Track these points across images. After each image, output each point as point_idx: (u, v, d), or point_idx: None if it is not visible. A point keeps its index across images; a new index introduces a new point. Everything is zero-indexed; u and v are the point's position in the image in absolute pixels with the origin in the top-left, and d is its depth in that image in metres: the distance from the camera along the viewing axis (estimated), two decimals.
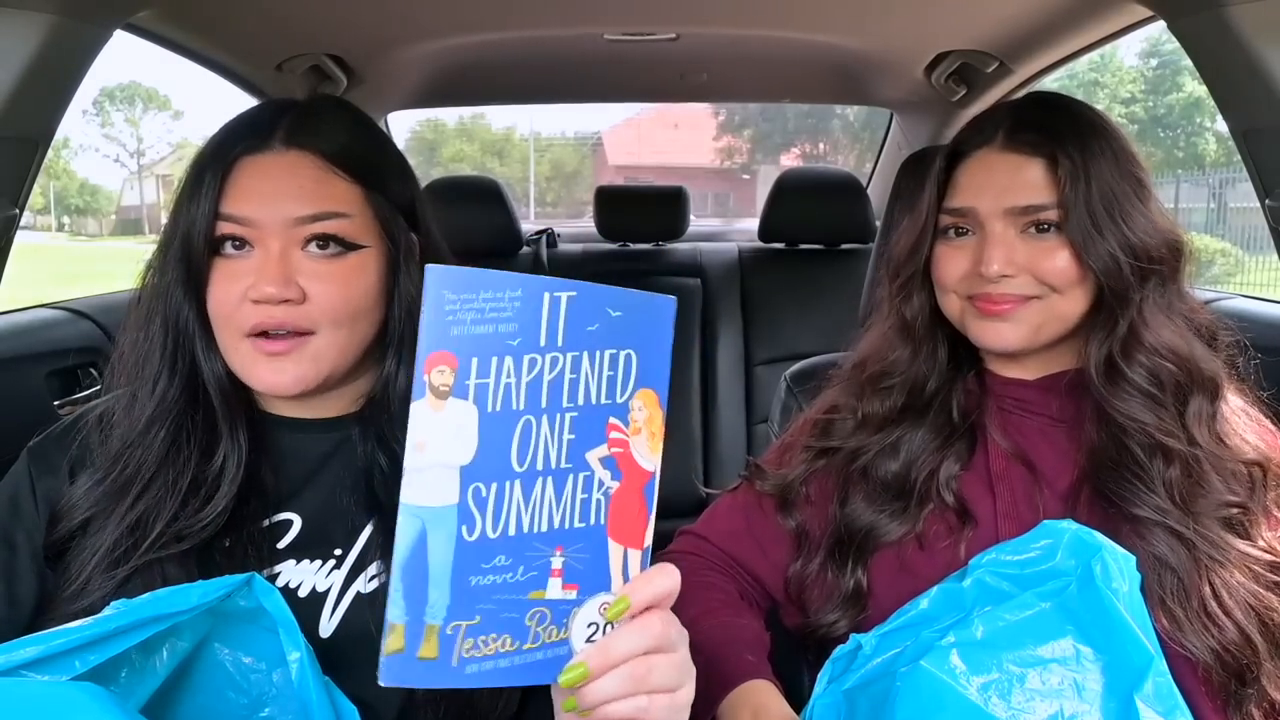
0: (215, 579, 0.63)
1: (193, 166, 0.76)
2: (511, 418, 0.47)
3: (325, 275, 0.75)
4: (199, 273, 0.74)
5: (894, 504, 0.83)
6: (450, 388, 0.45)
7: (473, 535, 0.46)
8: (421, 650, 0.46)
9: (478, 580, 0.47)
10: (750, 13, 1.61)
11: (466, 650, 0.47)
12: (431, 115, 15.68)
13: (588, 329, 0.48)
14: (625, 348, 0.49)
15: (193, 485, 0.74)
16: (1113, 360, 0.78)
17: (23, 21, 0.91)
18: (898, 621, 0.69)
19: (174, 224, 0.75)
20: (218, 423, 0.76)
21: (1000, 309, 0.80)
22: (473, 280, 0.45)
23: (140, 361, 0.77)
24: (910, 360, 0.87)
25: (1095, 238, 0.77)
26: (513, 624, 0.48)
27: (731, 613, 0.84)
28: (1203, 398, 0.78)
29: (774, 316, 2.22)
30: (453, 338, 0.45)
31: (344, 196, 0.76)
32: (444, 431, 0.45)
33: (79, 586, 0.72)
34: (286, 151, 0.75)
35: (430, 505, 0.46)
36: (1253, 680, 0.72)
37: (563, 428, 0.48)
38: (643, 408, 0.50)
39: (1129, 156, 0.80)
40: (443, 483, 0.46)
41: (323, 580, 0.77)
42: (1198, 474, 0.76)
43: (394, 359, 0.81)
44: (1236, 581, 0.73)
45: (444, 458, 0.46)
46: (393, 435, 0.80)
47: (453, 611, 0.46)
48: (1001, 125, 0.82)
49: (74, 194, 22.97)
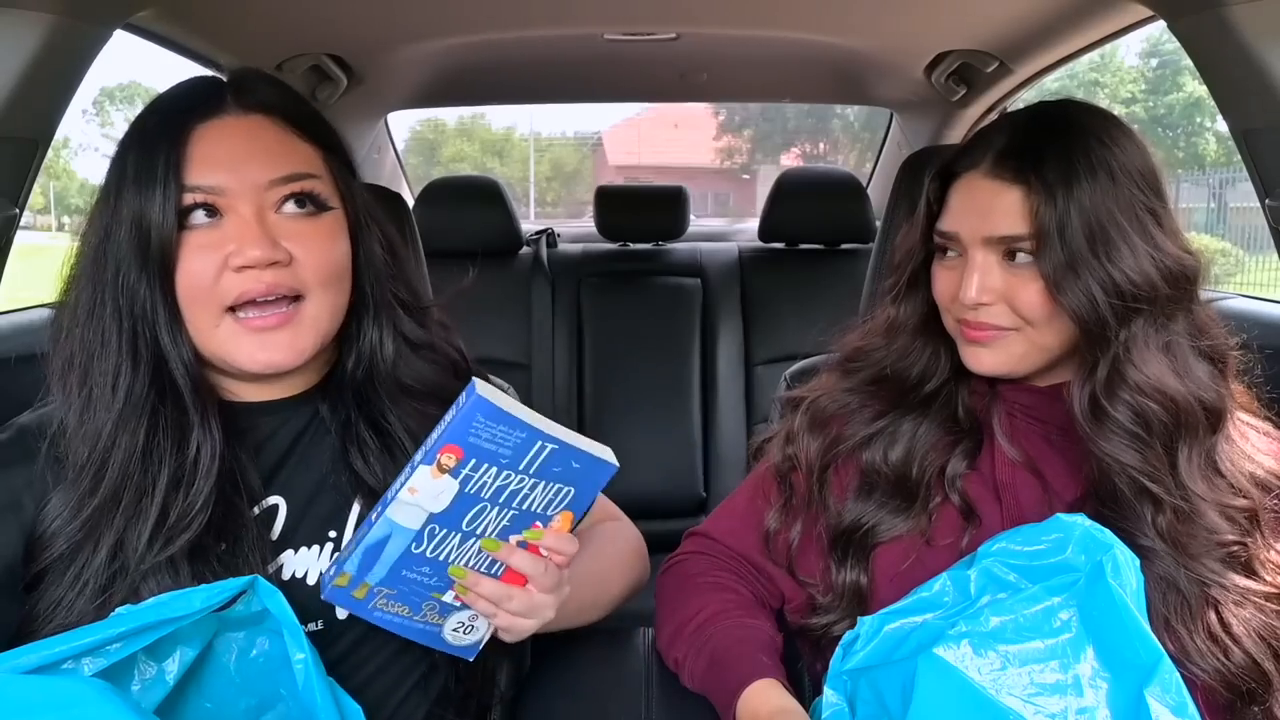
0: (218, 582, 0.63)
1: (133, 146, 0.71)
2: (476, 500, 0.66)
3: (307, 234, 0.72)
4: (163, 251, 0.69)
5: (897, 500, 0.83)
6: (450, 469, 0.64)
7: (417, 550, 0.67)
8: (355, 592, 0.68)
9: (406, 574, 0.68)
10: (750, 13, 1.61)
11: (380, 604, 0.70)
12: (431, 115, 15.66)
13: (553, 469, 0.66)
14: (569, 485, 0.68)
15: (171, 482, 0.70)
16: (1096, 399, 0.74)
17: (23, 21, 0.91)
18: (902, 604, 0.69)
19: (113, 211, 0.70)
20: (187, 412, 0.72)
21: (980, 336, 0.79)
22: (498, 415, 0.62)
23: (88, 358, 0.71)
24: (885, 351, 0.87)
25: (1069, 274, 0.73)
26: (414, 603, 0.70)
27: (744, 613, 0.84)
28: (1195, 438, 0.74)
29: (774, 316, 2.22)
30: (469, 442, 0.63)
31: (308, 157, 0.74)
32: (432, 491, 0.65)
33: (63, 615, 0.68)
34: (245, 115, 0.72)
35: (401, 524, 0.66)
36: (1261, 701, 0.71)
37: (504, 516, 0.68)
38: (559, 521, 0.70)
39: (1137, 179, 0.75)
40: (415, 516, 0.66)
41: (327, 563, 0.77)
42: (1189, 518, 0.73)
43: (374, 326, 0.79)
44: (1247, 613, 0.72)
45: (424, 504, 0.65)
46: (383, 408, 0.79)
47: (384, 582, 0.68)
48: (992, 147, 0.78)
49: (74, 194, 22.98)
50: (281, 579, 0.76)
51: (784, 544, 0.89)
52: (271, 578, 0.74)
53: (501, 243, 2.25)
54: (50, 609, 0.69)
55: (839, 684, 0.68)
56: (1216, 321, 0.79)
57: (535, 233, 2.35)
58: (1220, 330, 0.79)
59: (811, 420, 0.89)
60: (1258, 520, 0.75)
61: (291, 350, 0.72)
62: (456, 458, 0.63)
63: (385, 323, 0.80)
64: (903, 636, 0.67)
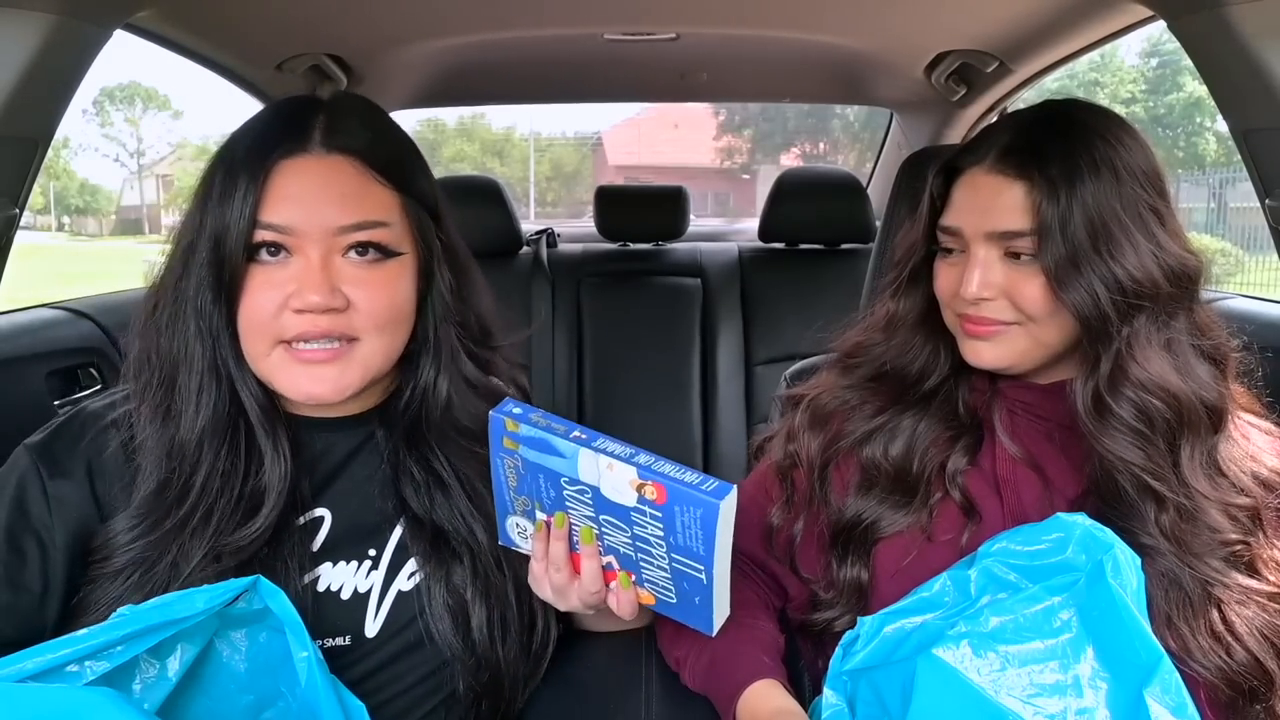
0: (221, 583, 0.63)
1: (221, 166, 0.73)
2: (630, 522, 0.69)
3: (368, 282, 0.73)
4: (233, 280, 0.71)
5: (897, 496, 0.83)
6: (641, 495, 0.67)
7: (563, 481, 0.70)
8: (506, 440, 0.71)
9: (542, 477, 0.71)
10: (750, 13, 1.61)
11: (506, 456, 0.72)
12: (431, 115, 15.68)
13: (683, 564, 0.70)
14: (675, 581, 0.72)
15: (237, 502, 0.72)
16: (1099, 395, 0.74)
17: (23, 21, 0.91)
18: (902, 604, 0.69)
19: (199, 225, 0.72)
20: (257, 433, 0.74)
21: (981, 330, 0.79)
22: (709, 532, 0.66)
23: (173, 368, 0.73)
24: (884, 346, 0.87)
25: (1070, 270, 0.73)
26: (522, 488, 0.73)
27: (747, 613, 0.84)
28: (1198, 436, 0.74)
29: (774, 316, 2.22)
30: (671, 508, 0.66)
31: (383, 203, 0.75)
32: (617, 485, 0.68)
33: (103, 616, 0.67)
34: (326, 155, 0.73)
35: (578, 464, 0.68)
36: (1263, 699, 0.71)
37: (623, 538, 0.71)
38: (645, 594, 0.74)
39: (1140, 178, 0.75)
40: (590, 472, 0.68)
41: (363, 581, 0.77)
42: (1192, 516, 0.73)
43: (431, 367, 0.80)
44: (1250, 612, 0.72)
45: (602, 482, 0.68)
46: (428, 447, 0.80)
47: (525, 459, 0.71)
48: (996, 144, 0.79)
49: (74, 194, 22.95)
50: (316, 590, 0.76)
51: (786, 541, 0.89)
52: (306, 588, 0.75)
53: (501, 243, 2.25)
54: (108, 604, 0.70)
55: (839, 684, 0.68)
56: (1218, 322, 0.79)
57: (535, 233, 2.35)
58: (1221, 331, 0.79)
59: (812, 417, 0.90)
60: (1260, 519, 0.75)
61: (336, 386, 0.73)
62: (656, 498, 0.66)
63: (443, 366, 0.81)
64: (903, 637, 0.67)
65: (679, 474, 0.66)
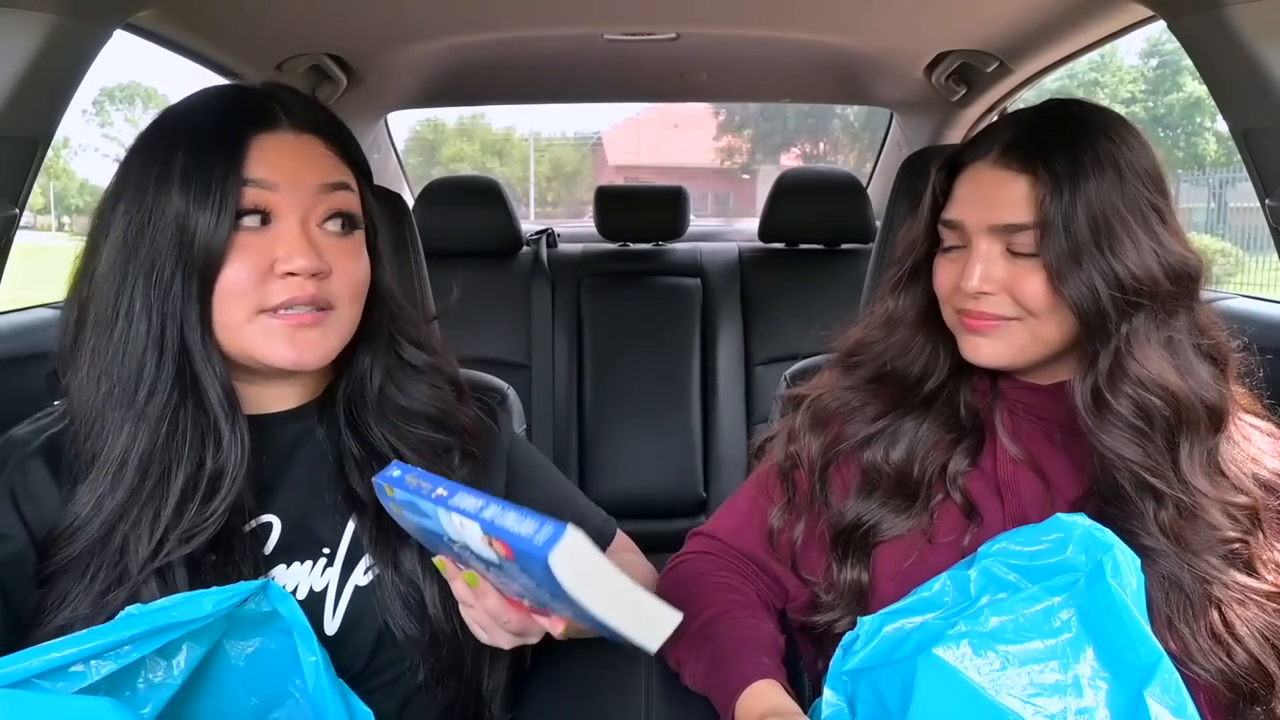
0: (231, 586, 0.63)
1: (177, 147, 0.71)
2: (500, 572, 0.65)
3: (343, 251, 0.75)
4: (208, 252, 0.70)
5: (898, 499, 0.83)
6: (494, 552, 0.61)
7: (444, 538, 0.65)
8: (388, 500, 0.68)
9: (428, 536, 0.67)
10: (750, 13, 1.61)
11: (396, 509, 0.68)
12: (431, 115, 15.67)
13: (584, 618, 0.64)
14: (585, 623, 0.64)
15: (188, 488, 0.70)
16: (1099, 392, 0.74)
17: (23, 21, 0.91)
18: (902, 604, 0.69)
19: (151, 206, 0.70)
20: (210, 415, 0.72)
21: (981, 325, 0.79)
22: (555, 586, 0.59)
23: (112, 355, 0.71)
24: (884, 345, 0.87)
25: (1071, 265, 0.73)
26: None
27: (747, 614, 0.84)
28: (1197, 435, 0.74)
29: (774, 316, 2.22)
30: (519, 565, 0.60)
31: (349, 176, 0.78)
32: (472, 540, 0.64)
33: (69, 611, 0.68)
34: (297, 134, 0.75)
35: (442, 525, 0.64)
36: (1263, 702, 0.71)
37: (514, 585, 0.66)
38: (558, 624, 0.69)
39: (1143, 177, 0.75)
40: (453, 530, 0.63)
41: (318, 580, 0.77)
42: (1192, 513, 0.73)
43: (369, 349, 0.81)
44: (1250, 613, 0.72)
45: (463, 538, 0.64)
46: (366, 426, 0.81)
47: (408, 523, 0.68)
48: (1000, 139, 0.79)
49: (74, 194, 22.98)
50: None
51: (787, 542, 0.89)
52: None
53: (501, 243, 2.25)
54: (57, 603, 0.69)
55: (839, 684, 0.68)
56: (1218, 322, 0.79)
57: (535, 233, 2.35)
58: (1222, 331, 0.79)
59: (813, 418, 0.90)
60: (1259, 519, 0.75)
61: (319, 349, 0.74)
62: (506, 553, 0.60)
63: (380, 347, 0.82)
64: (902, 637, 0.67)
65: (518, 525, 0.59)
